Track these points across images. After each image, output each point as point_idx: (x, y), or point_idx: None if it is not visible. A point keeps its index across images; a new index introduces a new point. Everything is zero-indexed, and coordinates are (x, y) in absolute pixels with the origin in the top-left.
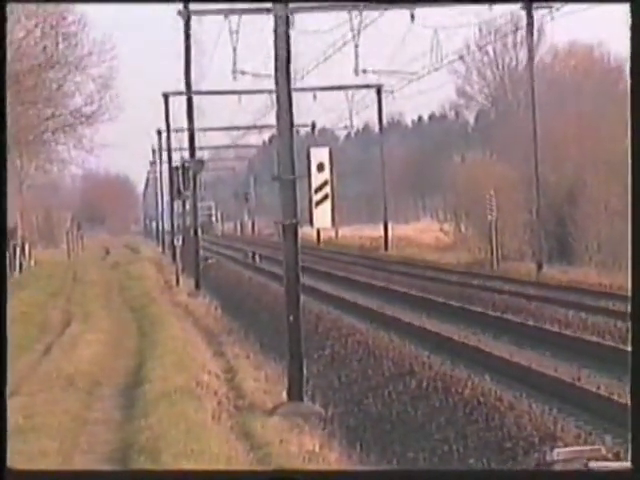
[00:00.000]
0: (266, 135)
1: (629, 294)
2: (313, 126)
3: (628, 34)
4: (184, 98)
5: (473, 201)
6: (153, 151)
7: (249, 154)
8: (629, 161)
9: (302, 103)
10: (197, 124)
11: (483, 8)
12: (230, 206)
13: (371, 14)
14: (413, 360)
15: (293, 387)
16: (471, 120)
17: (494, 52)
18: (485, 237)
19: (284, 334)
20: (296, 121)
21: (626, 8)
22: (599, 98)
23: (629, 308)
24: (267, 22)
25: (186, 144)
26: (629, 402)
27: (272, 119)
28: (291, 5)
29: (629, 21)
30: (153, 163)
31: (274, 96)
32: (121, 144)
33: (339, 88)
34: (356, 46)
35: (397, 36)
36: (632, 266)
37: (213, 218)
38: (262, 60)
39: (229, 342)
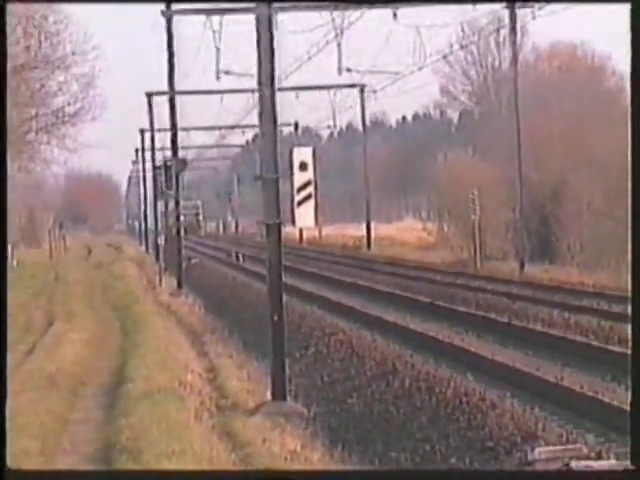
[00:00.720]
0: (249, 135)
1: (629, 295)
2: (296, 125)
3: (613, 33)
4: (167, 97)
5: (456, 200)
6: (136, 150)
7: (232, 154)
8: (629, 162)
9: (285, 102)
10: (180, 123)
11: (466, 7)
12: (213, 206)
13: (354, 13)
14: (396, 359)
15: (276, 386)
16: (454, 119)
17: (478, 51)
18: (468, 236)
19: (267, 333)
20: (279, 120)
21: (606, 9)
22: (582, 97)
23: (629, 309)
24: (250, 21)
25: (169, 144)
26: (629, 402)
27: (255, 119)
28: (273, 5)
29: (629, 21)
30: (136, 162)
31: (257, 96)
32: (104, 143)
33: (322, 88)
34: (339, 45)
35: (380, 35)
36: (632, 267)
37: (200, 217)
38: (245, 60)
39: (212, 341)
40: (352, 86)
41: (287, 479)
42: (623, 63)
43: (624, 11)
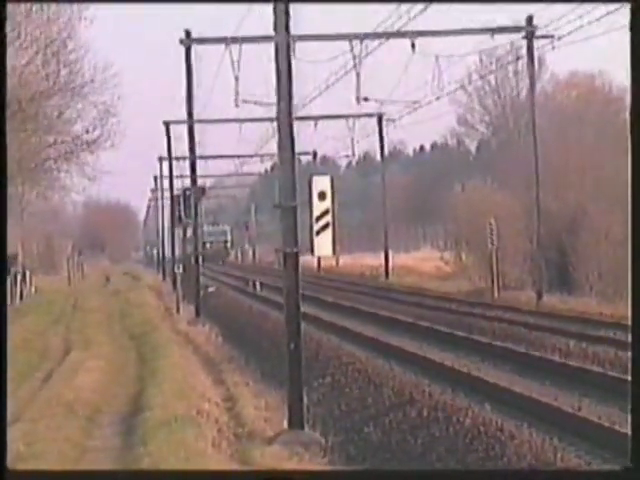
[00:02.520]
0: (267, 163)
1: (629, 296)
2: (314, 154)
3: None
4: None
5: (474, 230)
6: (155, 178)
7: (250, 182)
8: (629, 165)
9: (304, 131)
10: (199, 151)
11: (484, 37)
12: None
13: (372, 43)
14: (413, 388)
15: (293, 415)
16: (472, 149)
17: (495, 81)
18: (485, 266)
19: (284, 362)
20: (297, 149)
21: (625, 39)
22: (600, 127)
23: (629, 310)
24: (269, 51)
25: (188, 172)
26: (629, 402)
27: (274, 147)
28: (292, 34)
29: (629, 21)
30: (154, 190)
31: (276, 124)
32: (123, 171)
33: (340, 117)
34: (357, 74)
35: (398, 65)
36: (632, 271)
37: (229, 245)
38: (264, 88)
39: (229, 370)
40: (370, 115)
41: (287, 479)
42: None
43: None
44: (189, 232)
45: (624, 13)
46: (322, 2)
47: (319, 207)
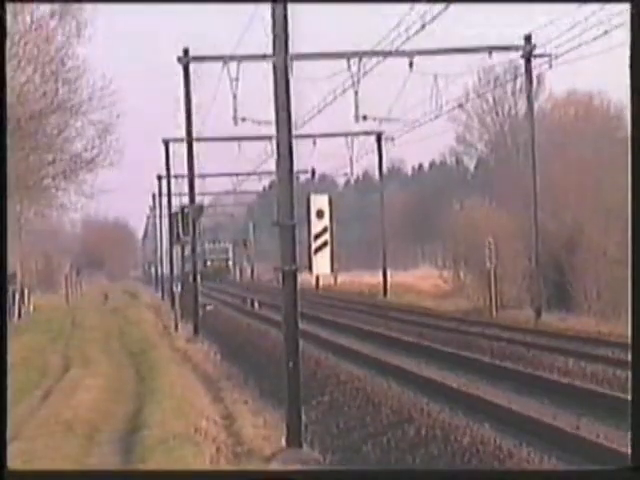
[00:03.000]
0: (266, 181)
1: (629, 306)
2: (313, 172)
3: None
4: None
5: (472, 248)
6: (153, 196)
7: (249, 200)
8: (629, 165)
9: (302, 149)
10: (197, 169)
11: (483, 56)
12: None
13: (370, 62)
14: (411, 407)
15: (292, 433)
16: (471, 167)
17: (494, 100)
18: (484, 284)
19: (283, 380)
20: (296, 167)
21: (622, 57)
22: (599, 146)
23: (629, 313)
24: (267, 69)
25: (186, 189)
26: (629, 402)
27: (272, 165)
28: (291, 52)
29: (629, 21)
30: (153, 208)
31: (274, 142)
32: (121, 189)
33: (339, 135)
34: (356, 93)
35: (397, 83)
36: (632, 274)
37: (230, 263)
38: (262, 106)
39: (228, 388)
40: (369, 133)
41: (287, 479)
42: None
43: None
44: (188, 250)
45: (620, 33)
46: (322, 7)
47: (317, 225)
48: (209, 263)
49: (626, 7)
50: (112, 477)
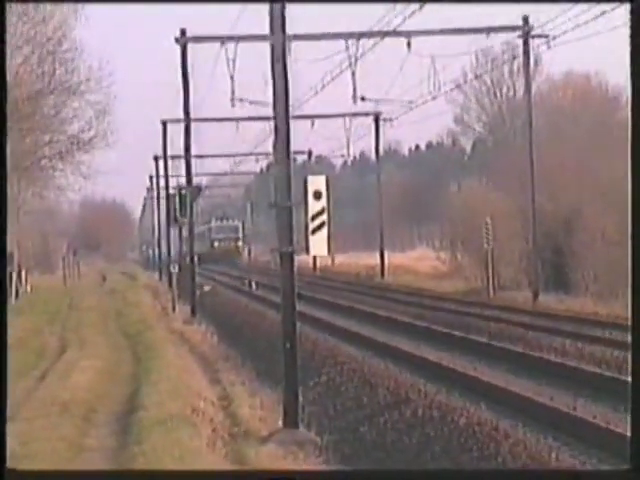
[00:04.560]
0: (263, 162)
1: (629, 296)
2: (310, 154)
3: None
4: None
5: (469, 229)
6: (150, 177)
7: (246, 181)
8: (629, 165)
9: (300, 131)
10: (195, 150)
11: (480, 37)
12: None
13: (368, 42)
14: (409, 388)
15: (288, 414)
16: (468, 148)
17: (491, 81)
18: (481, 265)
19: (280, 361)
20: (293, 148)
21: (620, 38)
22: (596, 127)
23: (629, 310)
24: (265, 49)
25: (183, 170)
26: (629, 403)
27: (269, 146)
28: (288, 33)
29: (629, 21)
30: (150, 189)
31: (272, 123)
32: (118, 170)
33: (336, 116)
34: (353, 74)
35: (394, 64)
36: (632, 272)
37: (240, 243)
38: (260, 87)
39: (225, 369)
40: (366, 114)
41: (287, 479)
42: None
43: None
44: (186, 231)
45: (620, 12)
46: (318, 2)
47: (314, 207)
48: (216, 244)
49: None
50: (112, 477)
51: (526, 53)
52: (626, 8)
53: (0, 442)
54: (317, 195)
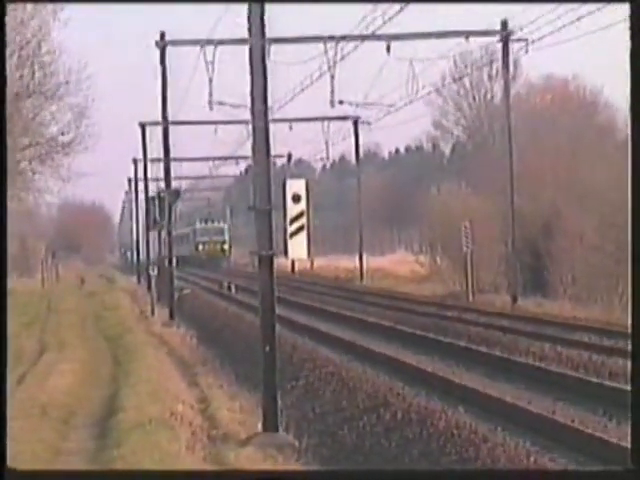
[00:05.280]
0: (242, 166)
1: (629, 295)
2: (289, 157)
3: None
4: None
5: (448, 233)
6: (129, 180)
7: (225, 184)
8: (629, 166)
9: (279, 134)
10: (174, 153)
11: (459, 41)
12: None
13: (347, 46)
14: (387, 391)
15: (267, 418)
16: (447, 152)
17: (470, 84)
18: (460, 269)
19: (259, 364)
20: (272, 152)
21: (599, 42)
22: (574, 131)
23: (629, 309)
24: (244, 52)
25: (162, 174)
26: (629, 402)
27: (248, 150)
28: (267, 36)
29: (629, 21)
30: (129, 192)
31: (250, 127)
32: (97, 173)
33: (315, 119)
34: (332, 77)
35: (373, 68)
36: (632, 272)
37: (226, 245)
38: (239, 91)
39: (204, 372)
40: (345, 118)
41: (287, 479)
42: (615, 96)
43: (616, 44)
44: (164, 234)
45: (598, 16)
46: (297, 2)
47: (293, 210)
48: (201, 247)
49: None
50: (112, 477)
51: (505, 57)
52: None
53: (0, 442)
54: (296, 198)
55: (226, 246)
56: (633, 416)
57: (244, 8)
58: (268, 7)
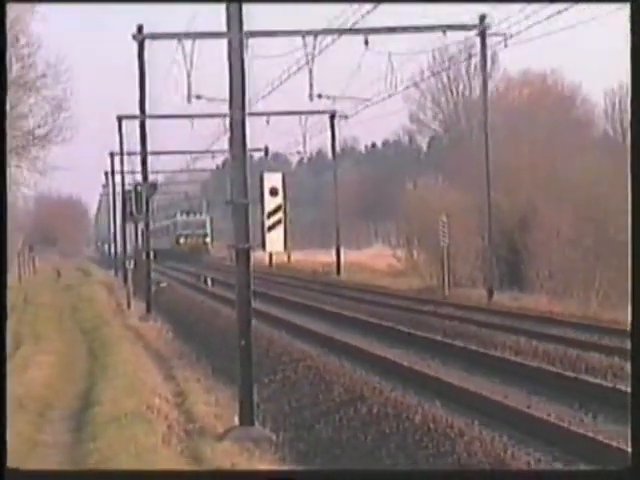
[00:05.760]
0: (220, 159)
1: (629, 295)
2: (266, 151)
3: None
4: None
5: (425, 227)
6: (106, 174)
7: (202, 178)
8: (629, 166)
9: (256, 127)
10: (151, 147)
11: (438, 35)
12: None
13: (325, 40)
14: (364, 386)
15: (244, 411)
16: (424, 146)
17: (448, 79)
18: (437, 263)
19: (235, 358)
20: (249, 145)
21: (577, 38)
22: (552, 125)
23: (629, 309)
24: (222, 46)
25: (139, 167)
26: (629, 402)
27: (226, 143)
28: (245, 30)
29: (629, 21)
30: (106, 186)
31: (228, 120)
32: (74, 166)
33: (293, 113)
34: (310, 71)
35: (352, 62)
36: (632, 267)
37: (208, 239)
38: (217, 84)
39: (180, 366)
40: (323, 112)
41: (287, 479)
42: (593, 92)
43: (595, 38)
44: (141, 227)
45: (578, 10)
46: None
47: (271, 203)
48: (182, 240)
49: None
50: (112, 477)
51: (483, 51)
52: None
53: (0, 442)
54: (273, 192)
55: (208, 239)
56: (633, 416)
57: (222, 2)
58: (246, 1)
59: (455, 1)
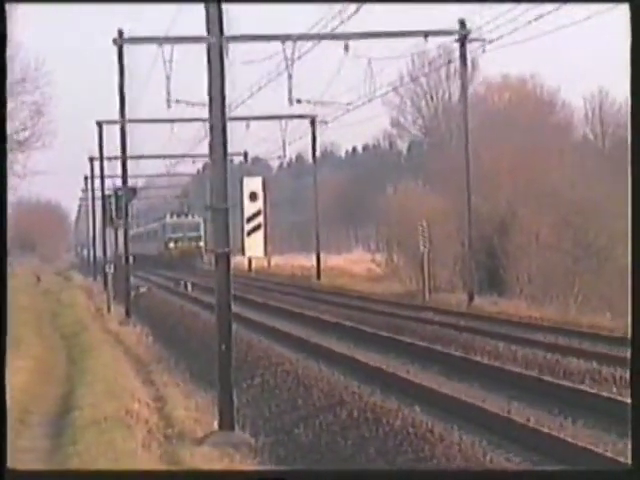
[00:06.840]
0: (199, 164)
1: (629, 296)
2: (246, 155)
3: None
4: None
5: (405, 231)
6: (85, 178)
7: (182, 183)
8: (629, 166)
9: (236, 132)
10: (131, 151)
11: (417, 40)
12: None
13: (305, 44)
14: (343, 390)
15: (223, 416)
16: (404, 150)
17: (428, 84)
18: (417, 268)
19: (215, 363)
20: (229, 150)
21: (557, 41)
22: (532, 130)
23: (629, 308)
24: (202, 51)
25: (119, 171)
26: (629, 402)
27: (206, 148)
28: (225, 35)
29: (629, 21)
30: (85, 191)
31: (208, 125)
32: (54, 171)
33: (273, 118)
34: (290, 76)
35: (331, 67)
36: (632, 269)
37: (201, 243)
38: (197, 89)
39: (159, 370)
40: (302, 117)
41: (278, 479)
42: (572, 96)
43: (576, 43)
44: (132, 231)
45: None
46: (254, 2)
47: (250, 208)
48: (172, 245)
49: None
50: (112, 477)
51: (462, 56)
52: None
53: (0, 442)
54: (253, 196)
55: (202, 243)
56: (633, 416)
57: (202, 6)
58: (226, 5)
59: (444, 2)
